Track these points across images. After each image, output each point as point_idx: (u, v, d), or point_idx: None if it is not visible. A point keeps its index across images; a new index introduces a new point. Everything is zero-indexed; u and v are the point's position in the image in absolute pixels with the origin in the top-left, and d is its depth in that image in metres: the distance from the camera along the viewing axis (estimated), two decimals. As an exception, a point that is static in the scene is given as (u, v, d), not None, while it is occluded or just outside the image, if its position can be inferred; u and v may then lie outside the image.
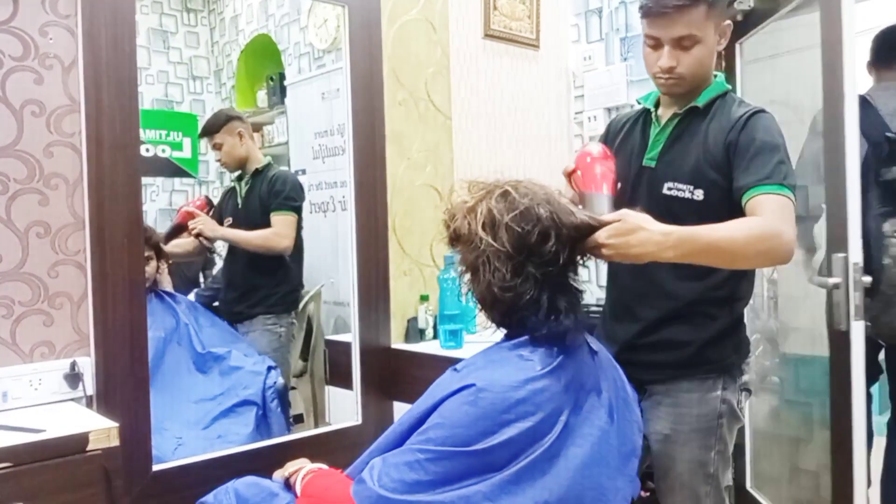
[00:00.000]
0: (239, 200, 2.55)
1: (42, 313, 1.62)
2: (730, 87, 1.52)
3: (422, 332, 2.34)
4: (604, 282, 2.79)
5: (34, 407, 1.57)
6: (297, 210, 2.49)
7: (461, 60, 2.55)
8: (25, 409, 1.56)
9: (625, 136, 1.60)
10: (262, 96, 3.05)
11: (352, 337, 2.22)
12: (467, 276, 1.23)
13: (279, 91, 2.91)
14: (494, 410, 1.07)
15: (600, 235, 1.19)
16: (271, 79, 2.96)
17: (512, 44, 2.72)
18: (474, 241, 1.18)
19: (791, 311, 2.63)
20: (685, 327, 1.46)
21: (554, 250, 1.16)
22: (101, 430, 1.37)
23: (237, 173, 2.59)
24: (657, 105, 1.56)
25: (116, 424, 1.41)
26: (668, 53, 1.42)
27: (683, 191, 1.44)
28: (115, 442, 1.38)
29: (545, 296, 1.17)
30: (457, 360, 1.26)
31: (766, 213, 1.31)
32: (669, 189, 1.46)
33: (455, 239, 1.24)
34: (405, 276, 2.38)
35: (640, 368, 1.47)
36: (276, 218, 2.46)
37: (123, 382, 1.67)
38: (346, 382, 2.25)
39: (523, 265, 1.15)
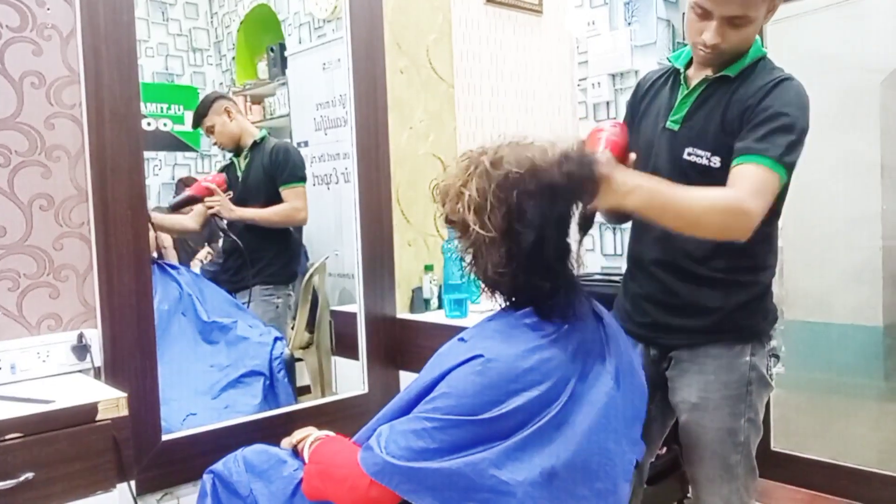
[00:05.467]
0: (239, 174, 2.54)
1: (48, 286, 1.62)
2: (766, 51, 1.45)
3: (427, 302, 2.35)
4: (608, 250, 2.80)
5: (42, 379, 1.58)
6: (304, 179, 2.51)
7: (463, 27, 2.52)
8: (34, 381, 1.57)
9: (654, 94, 1.57)
10: (262, 68, 3.02)
11: (357, 308, 2.23)
12: (467, 259, 1.22)
13: (280, 62, 2.88)
14: (502, 380, 1.07)
15: None
16: (272, 50, 2.93)
17: (514, 9, 2.68)
18: (469, 230, 1.15)
19: (797, 279, 2.62)
20: (714, 293, 1.44)
21: (540, 222, 1.13)
22: (110, 400, 1.38)
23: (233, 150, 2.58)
24: (688, 65, 1.50)
25: (125, 394, 1.42)
26: (715, 29, 1.34)
27: (702, 157, 1.41)
28: (124, 412, 1.39)
29: (542, 276, 1.16)
30: (461, 329, 1.26)
31: (741, 186, 1.28)
32: (689, 154, 1.43)
33: (451, 222, 1.22)
34: (409, 246, 2.37)
35: (668, 333, 1.47)
36: (287, 191, 2.46)
37: (131, 353, 1.68)
38: (351, 353, 2.26)
39: (514, 249, 1.14)
